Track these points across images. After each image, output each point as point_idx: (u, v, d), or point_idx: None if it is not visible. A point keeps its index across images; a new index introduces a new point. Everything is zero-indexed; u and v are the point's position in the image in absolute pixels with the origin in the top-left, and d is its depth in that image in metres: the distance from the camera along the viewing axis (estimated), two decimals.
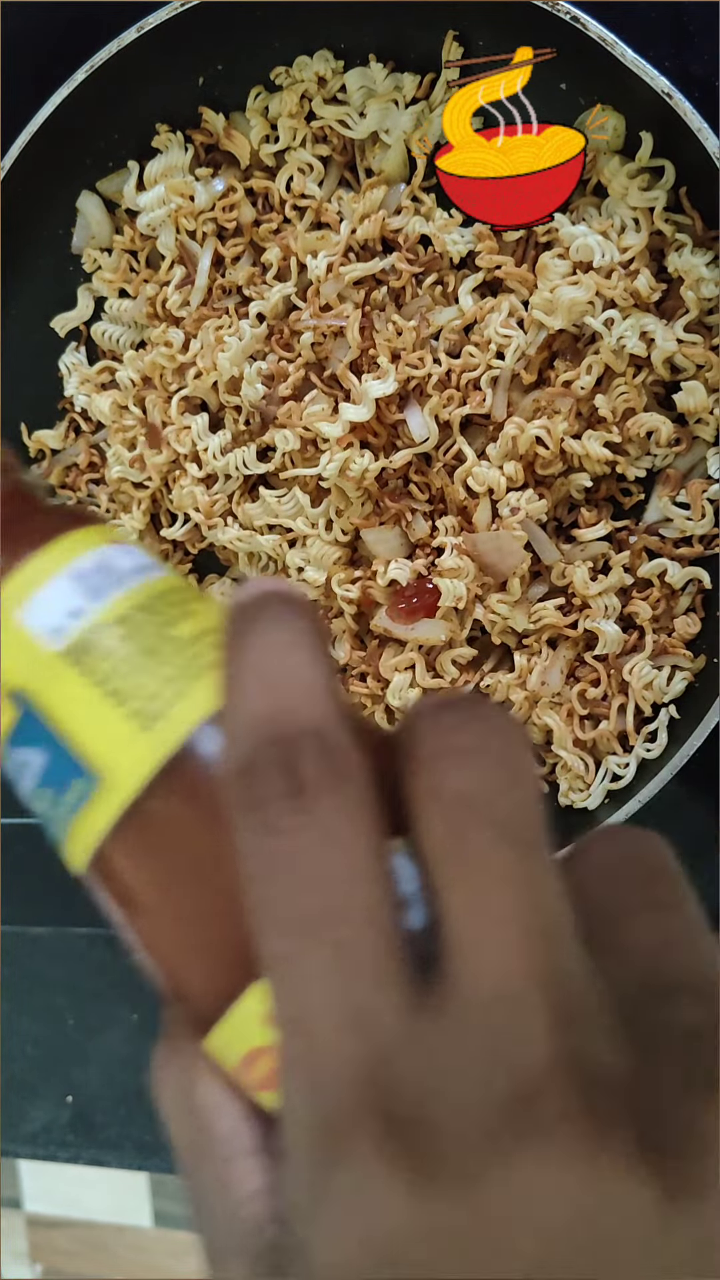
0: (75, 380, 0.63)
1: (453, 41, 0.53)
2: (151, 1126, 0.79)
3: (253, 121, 0.57)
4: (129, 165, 0.59)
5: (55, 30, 0.60)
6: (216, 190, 0.58)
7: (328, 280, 0.56)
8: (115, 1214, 1.88)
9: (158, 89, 0.57)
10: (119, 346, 0.62)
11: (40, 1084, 0.81)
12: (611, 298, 0.52)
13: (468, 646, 0.57)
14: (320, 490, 0.58)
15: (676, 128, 0.49)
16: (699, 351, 0.52)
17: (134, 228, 0.59)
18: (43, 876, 0.76)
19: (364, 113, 0.56)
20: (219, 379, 0.57)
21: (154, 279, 0.60)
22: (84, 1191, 1.90)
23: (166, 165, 0.58)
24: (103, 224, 0.60)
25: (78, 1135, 0.81)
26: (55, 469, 0.64)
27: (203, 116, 0.58)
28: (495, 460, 0.55)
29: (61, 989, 0.80)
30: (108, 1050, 0.79)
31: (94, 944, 0.79)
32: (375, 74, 0.55)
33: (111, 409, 0.61)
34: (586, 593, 0.55)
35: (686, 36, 0.55)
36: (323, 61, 0.55)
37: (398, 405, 0.56)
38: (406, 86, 0.55)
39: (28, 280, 0.61)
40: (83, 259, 0.61)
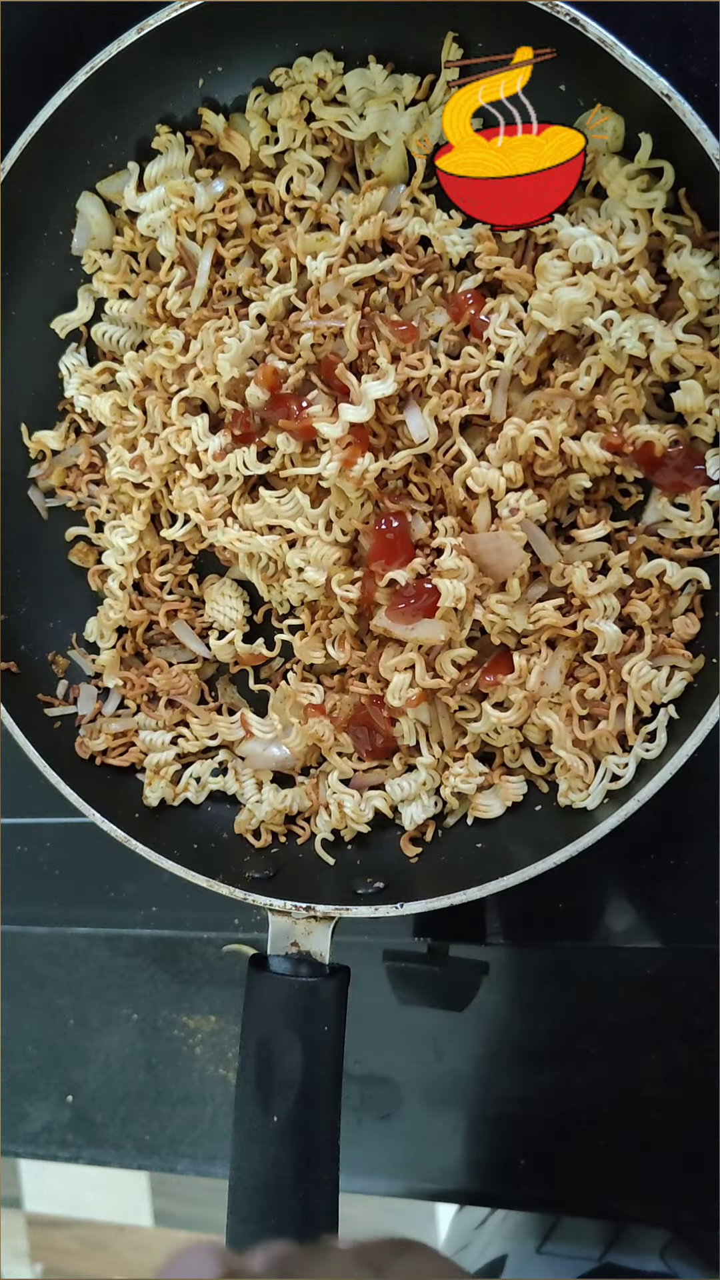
0: (75, 381, 0.63)
1: (452, 42, 0.53)
2: (151, 1126, 0.79)
3: (252, 123, 0.57)
4: (129, 167, 0.59)
5: (56, 31, 0.61)
6: (216, 191, 0.58)
7: (327, 281, 0.56)
8: (115, 1213, 1.88)
9: (158, 90, 0.57)
10: (119, 348, 0.62)
11: (40, 1084, 0.81)
12: (611, 299, 0.53)
13: (467, 646, 0.57)
14: (320, 491, 0.58)
15: (675, 129, 0.49)
16: (698, 352, 0.52)
17: (134, 229, 0.59)
18: (43, 876, 0.76)
19: (364, 114, 0.56)
20: (219, 380, 0.58)
21: (154, 280, 0.60)
22: (84, 1191, 1.90)
23: (166, 167, 0.58)
24: (103, 225, 0.60)
25: (78, 1135, 0.81)
26: (55, 469, 0.64)
27: (202, 118, 0.58)
28: (495, 461, 0.55)
29: (61, 989, 0.80)
30: (108, 1050, 0.79)
31: (94, 944, 0.79)
32: (375, 75, 0.55)
33: (112, 410, 0.61)
34: (586, 593, 0.55)
35: (686, 37, 0.55)
36: (322, 63, 0.55)
37: (397, 406, 0.56)
38: (406, 88, 0.55)
39: (28, 281, 0.62)
40: (83, 260, 0.61)
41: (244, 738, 0.63)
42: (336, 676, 0.61)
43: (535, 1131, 0.70)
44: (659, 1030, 0.66)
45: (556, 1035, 0.69)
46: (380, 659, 0.59)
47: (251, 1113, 0.55)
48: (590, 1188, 0.69)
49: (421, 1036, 0.72)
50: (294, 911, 0.57)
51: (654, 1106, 0.67)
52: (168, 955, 0.77)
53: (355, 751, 0.62)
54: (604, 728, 0.56)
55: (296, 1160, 0.55)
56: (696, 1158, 0.66)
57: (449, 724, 0.60)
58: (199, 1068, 0.77)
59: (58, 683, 0.65)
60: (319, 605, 0.61)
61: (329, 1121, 0.55)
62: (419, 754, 0.60)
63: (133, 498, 0.62)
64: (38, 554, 0.65)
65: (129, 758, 0.64)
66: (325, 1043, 0.55)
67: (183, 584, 0.64)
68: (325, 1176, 0.55)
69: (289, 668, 0.63)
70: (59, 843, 0.75)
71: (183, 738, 0.64)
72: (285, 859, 0.62)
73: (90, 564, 0.65)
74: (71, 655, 0.66)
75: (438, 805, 0.61)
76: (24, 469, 0.65)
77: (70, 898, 0.76)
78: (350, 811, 0.60)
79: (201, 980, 0.76)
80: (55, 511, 0.66)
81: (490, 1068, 0.71)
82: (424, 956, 0.69)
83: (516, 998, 0.69)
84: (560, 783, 0.58)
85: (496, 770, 0.60)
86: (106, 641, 0.64)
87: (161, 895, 0.73)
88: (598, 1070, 0.68)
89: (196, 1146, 0.78)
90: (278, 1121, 0.55)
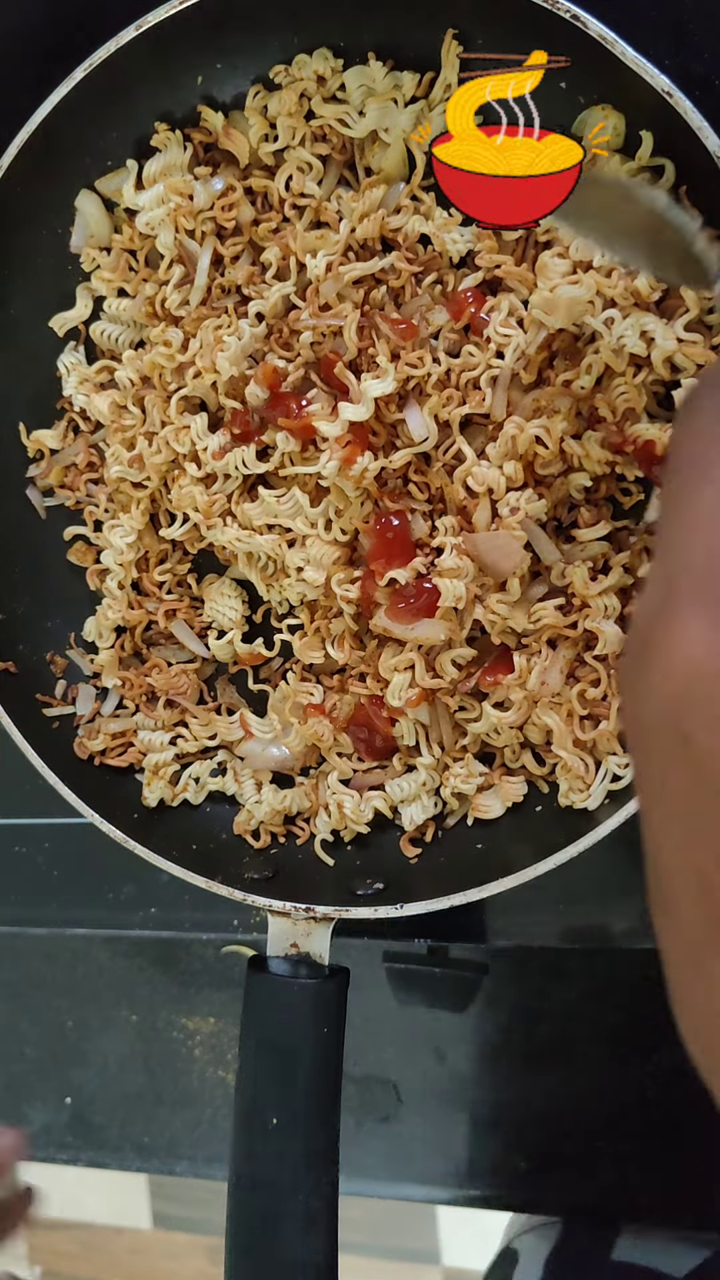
0: (74, 380, 0.62)
1: (452, 40, 0.53)
2: (150, 1128, 0.79)
3: (251, 120, 0.57)
4: (128, 164, 0.59)
5: (54, 28, 0.60)
6: (215, 189, 0.58)
7: (327, 279, 0.55)
8: (114, 1216, 1.87)
9: (156, 88, 0.57)
10: (118, 346, 0.62)
11: (39, 1086, 0.81)
12: (611, 297, 0.52)
13: (467, 646, 0.57)
14: (319, 490, 0.58)
15: (677, 127, 0.49)
16: (699, 350, 0.52)
17: (133, 226, 0.59)
18: (41, 877, 0.76)
19: (363, 111, 0.55)
20: (218, 379, 0.57)
21: (153, 279, 0.60)
22: (83, 1193, 1.89)
23: (165, 164, 0.58)
24: (101, 223, 0.60)
25: (76, 1137, 0.80)
26: (54, 469, 0.64)
27: (201, 115, 0.58)
28: (495, 460, 0.55)
29: (60, 990, 0.80)
30: (106, 1052, 0.79)
31: (93, 945, 0.78)
32: (374, 72, 0.55)
33: (110, 409, 0.61)
34: (586, 593, 0.55)
35: (686, 35, 0.55)
36: (322, 60, 0.55)
37: (397, 405, 0.56)
38: (406, 85, 0.55)
39: (26, 280, 0.61)
40: (81, 258, 0.61)
41: (243, 738, 0.63)
42: (336, 677, 0.61)
43: (536, 1133, 0.70)
44: (660, 1032, 0.66)
45: (557, 1037, 0.69)
46: (380, 659, 0.59)
47: (251, 1114, 0.55)
48: (591, 1189, 0.68)
49: (421, 1038, 0.71)
50: (293, 913, 0.57)
51: (655, 1108, 0.67)
52: (167, 956, 0.77)
53: (355, 751, 0.61)
54: (605, 728, 0.56)
55: (296, 1162, 0.55)
56: (698, 1159, 0.66)
57: (449, 724, 0.59)
58: (198, 1069, 0.77)
59: (56, 683, 0.65)
60: (318, 605, 0.60)
61: (328, 1123, 0.55)
62: (419, 754, 0.60)
63: (131, 497, 0.62)
64: (36, 553, 0.65)
65: (128, 758, 0.64)
66: (325, 1044, 0.55)
67: (181, 583, 0.64)
68: (325, 1178, 0.55)
69: (288, 668, 0.63)
70: (57, 843, 0.75)
71: (181, 738, 0.64)
72: (285, 860, 0.62)
73: (89, 563, 0.65)
74: (70, 655, 0.65)
75: (438, 806, 0.60)
76: (22, 468, 0.65)
77: (69, 899, 0.75)
78: (350, 812, 0.60)
79: (201, 982, 0.76)
80: (53, 510, 0.65)
81: (490, 1069, 0.71)
82: (424, 958, 0.68)
83: (517, 999, 0.69)
84: (561, 783, 0.57)
85: (497, 771, 0.60)
86: (105, 641, 0.64)
87: (161, 896, 0.73)
88: (599, 1072, 0.68)
89: (195, 1149, 0.78)
90: (277, 1123, 0.54)
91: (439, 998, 0.70)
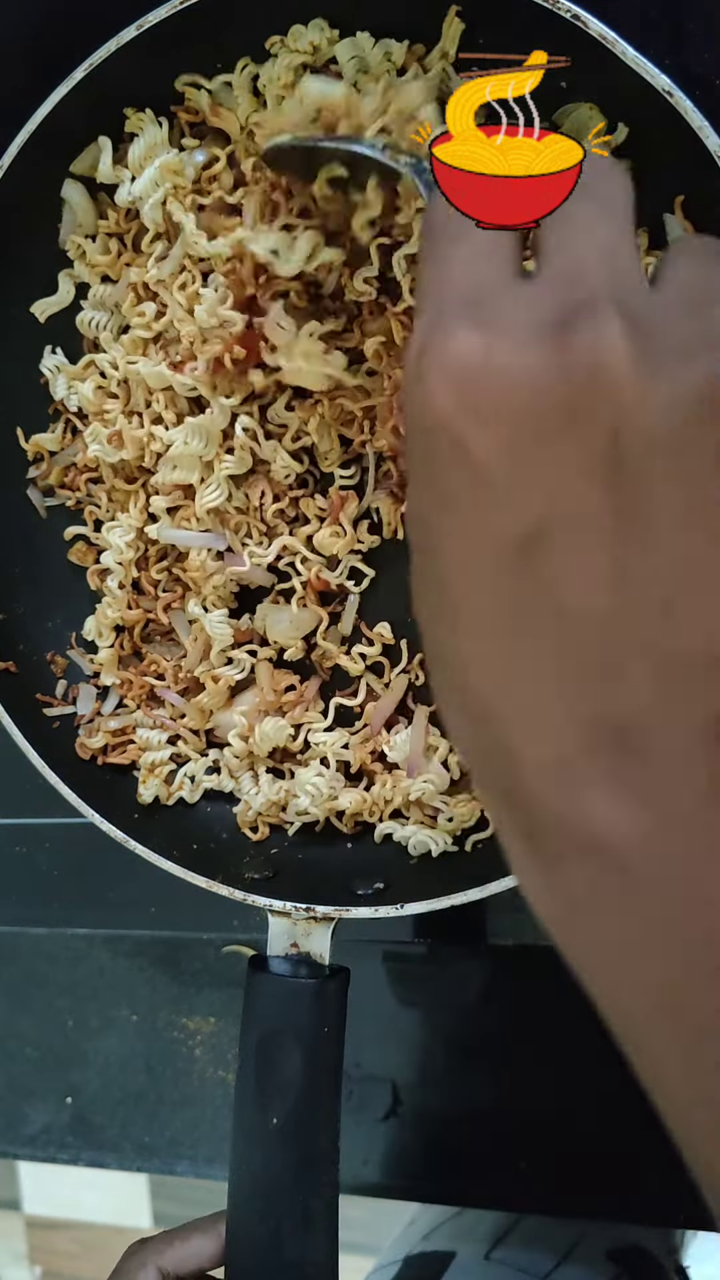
0: (62, 382, 0.62)
1: (454, 17, 0.52)
2: (151, 1128, 0.79)
3: (240, 96, 0.56)
4: (99, 140, 0.58)
5: (54, 29, 0.60)
6: (198, 162, 0.57)
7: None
8: (114, 1215, 1.87)
9: (156, 88, 0.57)
10: (102, 333, 0.61)
11: (40, 1085, 0.81)
12: None
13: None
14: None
15: (677, 126, 0.49)
16: None
17: (117, 210, 0.59)
18: (43, 876, 0.76)
19: (356, 86, 0.54)
20: (195, 337, 0.56)
21: (136, 262, 0.59)
22: (83, 1193, 1.89)
23: (148, 144, 0.56)
24: (87, 210, 0.59)
25: (77, 1137, 0.80)
26: (54, 469, 0.64)
27: (186, 96, 0.57)
28: None
29: (61, 989, 0.80)
30: (107, 1052, 0.79)
31: (93, 945, 0.79)
32: (363, 43, 0.54)
33: (95, 394, 0.61)
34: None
35: (686, 35, 0.55)
36: (317, 30, 0.54)
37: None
38: (396, 54, 0.54)
39: (20, 282, 0.61)
40: (67, 247, 0.60)
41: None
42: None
43: (536, 1133, 0.70)
44: None
45: (558, 1037, 0.68)
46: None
47: (251, 1114, 0.55)
48: (592, 1189, 0.68)
49: (421, 1038, 0.71)
50: (294, 912, 0.57)
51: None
52: (167, 956, 0.77)
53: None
54: None
55: (296, 1162, 0.55)
56: None
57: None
58: (199, 1069, 0.77)
59: (56, 683, 0.65)
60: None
61: (329, 1123, 0.55)
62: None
63: (125, 490, 0.62)
64: (36, 553, 0.65)
65: (129, 755, 0.64)
66: (325, 1044, 0.55)
67: (178, 580, 0.64)
68: (325, 1178, 0.55)
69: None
70: (58, 843, 0.75)
71: (181, 739, 0.64)
72: (285, 860, 0.62)
73: (89, 563, 0.65)
74: (70, 655, 0.65)
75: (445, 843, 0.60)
76: (22, 469, 0.65)
77: (69, 898, 0.75)
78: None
79: (201, 981, 0.76)
80: (54, 510, 0.65)
81: (490, 1069, 0.71)
82: (424, 957, 0.68)
83: (517, 999, 0.69)
84: None
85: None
86: (105, 640, 0.64)
87: (161, 896, 0.73)
88: (599, 1071, 0.68)
89: (196, 1148, 0.78)
90: (277, 1123, 0.54)
91: (439, 997, 0.70)
